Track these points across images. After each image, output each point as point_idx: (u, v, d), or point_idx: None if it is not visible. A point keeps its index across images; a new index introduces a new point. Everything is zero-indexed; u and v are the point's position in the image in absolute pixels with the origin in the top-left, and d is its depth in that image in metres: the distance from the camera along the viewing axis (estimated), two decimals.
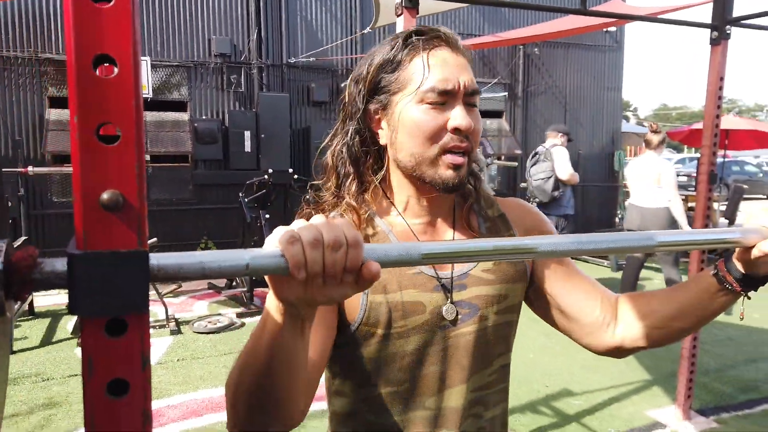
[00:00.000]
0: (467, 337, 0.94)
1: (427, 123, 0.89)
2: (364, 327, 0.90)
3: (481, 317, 0.95)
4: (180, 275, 0.52)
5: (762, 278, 0.84)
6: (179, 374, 4.02)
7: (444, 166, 0.90)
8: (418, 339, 0.91)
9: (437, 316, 0.92)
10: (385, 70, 0.92)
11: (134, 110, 0.43)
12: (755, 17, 2.97)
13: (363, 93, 0.94)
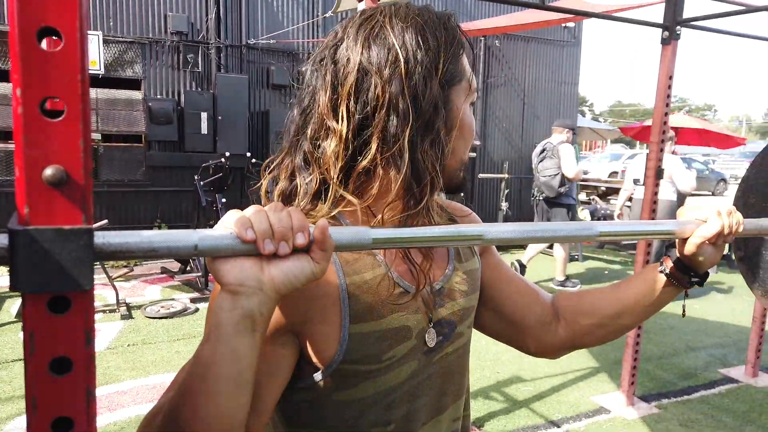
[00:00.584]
0: (450, 358, 0.86)
1: (473, 125, 0.82)
2: (344, 366, 0.74)
3: (458, 334, 0.87)
4: (127, 254, 0.52)
5: (705, 274, 0.89)
6: (129, 360, 3.94)
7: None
8: (407, 369, 0.79)
9: (422, 339, 0.81)
10: (454, 54, 0.77)
11: (80, 85, 0.42)
12: (705, 19, 3.09)
13: (429, 69, 0.74)
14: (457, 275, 0.88)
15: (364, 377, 0.76)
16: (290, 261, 0.60)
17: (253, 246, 0.57)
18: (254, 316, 0.59)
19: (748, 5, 3.04)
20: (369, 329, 0.75)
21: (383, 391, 0.78)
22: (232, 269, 0.58)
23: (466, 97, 0.80)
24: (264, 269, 0.59)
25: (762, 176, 1.12)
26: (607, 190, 11.31)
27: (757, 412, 3.49)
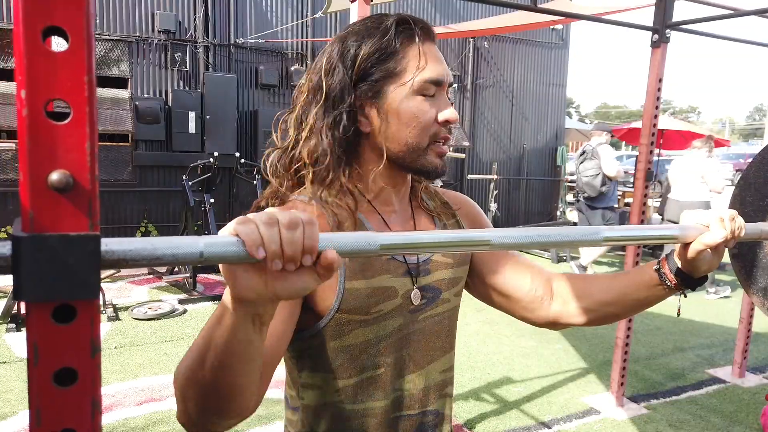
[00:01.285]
0: (434, 320, 0.99)
1: (424, 114, 0.91)
2: (341, 315, 0.89)
3: (443, 300, 1.00)
4: (131, 261, 0.50)
5: (699, 279, 0.90)
6: (117, 362, 3.89)
7: (433, 154, 0.93)
8: (393, 323, 0.93)
9: (407, 300, 0.94)
10: (379, 57, 0.90)
11: (86, 86, 0.41)
12: (694, 23, 3.11)
13: (352, 80, 0.91)
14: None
15: (356, 326, 0.90)
16: (294, 278, 0.59)
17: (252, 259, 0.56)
18: (261, 316, 0.65)
19: (737, 9, 3.07)
20: (360, 285, 0.89)
21: (372, 339, 0.92)
22: (237, 284, 0.59)
23: (409, 88, 0.90)
24: (268, 284, 0.59)
25: (760, 175, 1.13)
26: None
27: (745, 412, 3.53)
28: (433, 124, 0.91)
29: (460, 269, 1.03)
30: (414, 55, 0.90)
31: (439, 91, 0.92)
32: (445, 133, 0.93)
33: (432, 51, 0.92)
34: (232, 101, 7.76)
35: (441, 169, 0.94)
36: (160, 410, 3.24)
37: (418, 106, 0.90)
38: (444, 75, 0.92)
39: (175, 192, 7.47)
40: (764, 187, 1.09)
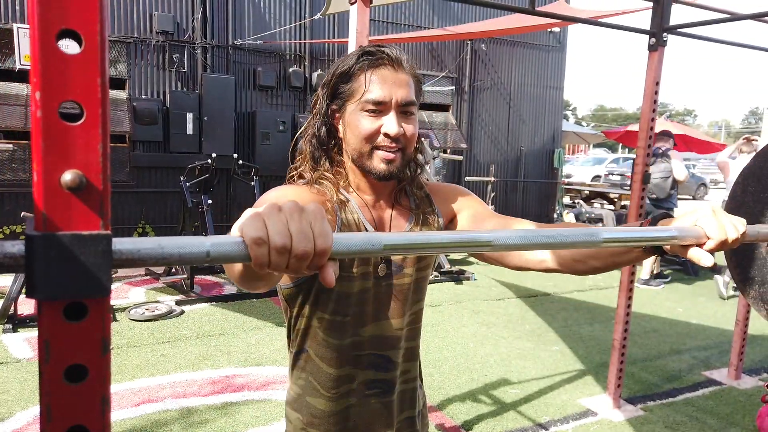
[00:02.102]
0: (395, 287, 1.23)
1: (364, 127, 1.14)
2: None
3: (404, 274, 1.23)
4: (140, 261, 0.51)
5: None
6: (114, 363, 3.88)
7: (378, 159, 1.15)
8: (361, 283, 1.18)
9: (376, 268, 1.20)
10: (342, 80, 1.16)
11: (100, 88, 0.41)
12: (690, 26, 3.13)
13: (327, 95, 1.19)
14: (412, 231, 1.21)
15: (340, 279, 1.12)
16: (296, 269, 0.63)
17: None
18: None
19: (734, 13, 3.09)
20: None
21: (344, 292, 1.17)
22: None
23: (356, 106, 1.14)
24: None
25: (748, 190, 1.14)
26: (591, 193, 11.43)
27: (740, 414, 3.54)
28: (374, 135, 1.13)
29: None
30: (363, 79, 1.13)
31: (386, 109, 1.13)
32: (386, 142, 1.13)
33: (383, 76, 1.13)
34: (230, 102, 7.76)
35: (384, 173, 1.15)
36: (157, 411, 3.24)
37: (362, 120, 1.14)
38: (385, 97, 1.12)
39: (172, 193, 7.47)
40: (755, 204, 1.10)
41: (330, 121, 1.21)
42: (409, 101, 1.15)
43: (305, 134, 1.25)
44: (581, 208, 9.64)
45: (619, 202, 10.22)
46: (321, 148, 1.21)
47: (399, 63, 1.15)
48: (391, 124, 1.12)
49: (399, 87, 1.13)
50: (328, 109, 1.20)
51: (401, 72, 1.15)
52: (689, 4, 3.28)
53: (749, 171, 1.15)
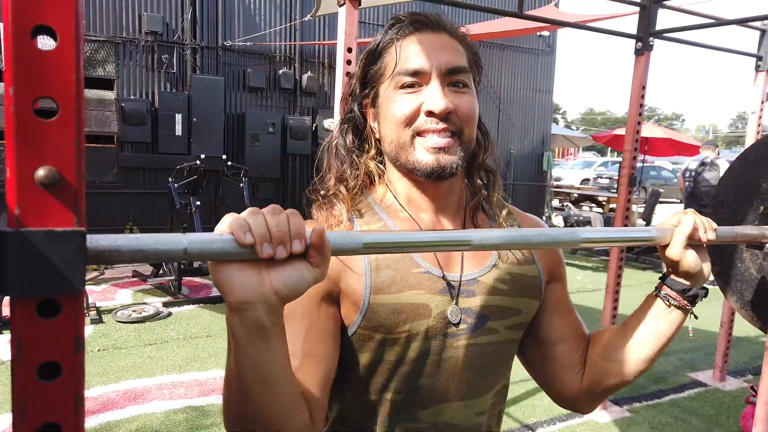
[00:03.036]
0: (472, 350, 0.87)
1: (400, 107, 0.85)
2: (362, 331, 0.83)
3: (488, 330, 0.88)
4: (115, 256, 0.51)
5: (701, 289, 0.87)
6: (99, 365, 3.85)
7: (421, 149, 0.84)
8: (418, 346, 0.84)
9: (442, 320, 0.85)
10: (369, 62, 0.90)
11: (74, 85, 0.41)
12: (676, 31, 3.17)
13: (356, 88, 0.93)
14: (497, 272, 0.90)
15: (378, 344, 0.84)
16: (289, 269, 0.59)
17: (245, 251, 0.57)
18: (264, 325, 0.61)
19: (719, 18, 3.13)
20: (386, 300, 0.83)
21: (393, 360, 0.84)
22: (234, 288, 0.59)
23: (389, 85, 0.87)
24: (264, 281, 0.59)
25: (730, 191, 1.16)
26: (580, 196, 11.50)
27: (725, 415, 3.58)
28: (413, 117, 0.84)
29: (519, 300, 0.90)
30: (393, 51, 0.87)
31: (425, 80, 0.84)
32: (430, 123, 0.83)
33: (419, 41, 0.86)
34: (220, 104, 7.74)
35: (432, 166, 0.83)
36: (144, 413, 3.21)
37: (395, 100, 0.85)
38: (423, 63, 0.84)
39: (160, 194, 7.42)
40: (735, 202, 1.12)
41: (362, 122, 0.94)
42: (457, 66, 0.85)
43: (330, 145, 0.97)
44: (570, 211, 9.70)
45: (608, 205, 10.29)
46: (347, 160, 0.93)
47: (439, 24, 0.88)
48: (434, 97, 0.82)
49: (442, 51, 0.85)
50: (361, 103, 0.93)
51: (443, 34, 0.87)
52: (675, 9, 3.31)
53: (717, 201, 1.16)
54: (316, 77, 8.74)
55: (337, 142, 0.95)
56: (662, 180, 19.46)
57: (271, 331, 0.62)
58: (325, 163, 0.95)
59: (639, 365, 0.90)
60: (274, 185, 8.58)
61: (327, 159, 0.95)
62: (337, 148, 0.95)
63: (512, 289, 0.89)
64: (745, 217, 1.11)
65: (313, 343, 0.81)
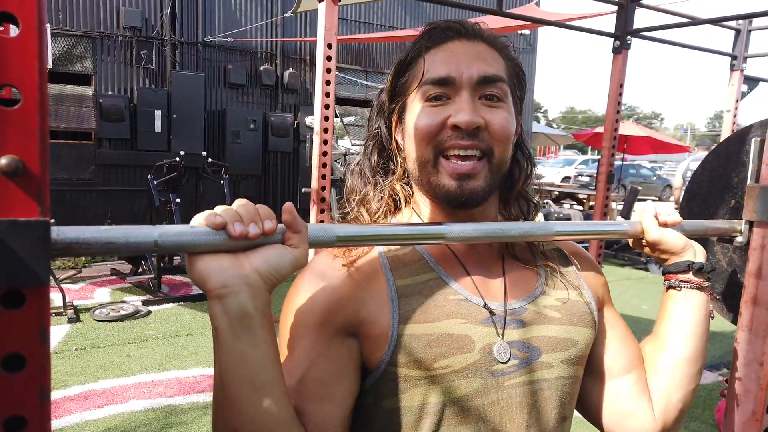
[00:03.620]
0: (526, 389, 0.75)
1: (425, 121, 0.75)
2: (393, 368, 0.71)
3: (543, 364, 0.76)
4: (83, 247, 0.50)
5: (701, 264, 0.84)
6: (77, 364, 3.80)
7: (444, 174, 0.75)
8: (464, 386, 0.72)
9: (488, 356, 0.73)
10: (397, 73, 0.82)
11: (38, 73, 0.41)
12: (653, 30, 3.21)
13: (384, 102, 0.85)
14: (546, 299, 0.80)
15: (413, 383, 0.71)
16: (267, 249, 0.60)
17: (218, 241, 0.57)
18: (248, 313, 0.58)
19: (694, 17, 3.18)
20: (419, 331, 0.71)
21: (434, 403, 0.71)
22: (211, 273, 0.57)
23: (415, 97, 0.79)
24: (243, 263, 0.59)
25: (703, 185, 1.18)
26: (561, 194, 11.61)
27: (701, 408, 3.64)
28: (437, 131, 0.75)
29: (575, 329, 0.80)
30: (421, 59, 0.79)
31: (452, 92, 0.76)
32: (456, 139, 0.74)
33: (450, 50, 0.78)
34: (200, 100, 7.67)
35: (455, 194, 0.75)
36: (121, 413, 3.18)
37: (420, 114, 0.76)
38: (452, 71, 0.75)
39: (139, 192, 7.33)
40: (708, 196, 1.14)
41: (389, 137, 0.85)
42: (491, 75, 0.76)
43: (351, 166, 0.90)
44: (550, 209, 9.79)
45: (588, 203, 10.40)
46: (371, 174, 0.86)
47: (477, 32, 0.80)
48: (460, 110, 0.73)
49: (475, 59, 0.77)
50: (388, 118, 0.85)
51: (480, 43, 0.80)
52: (652, 8, 3.36)
53: (690, 194, 1.19)
54: (298, 74, 8.70)
55: (362, 163, 0.87)
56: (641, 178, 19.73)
57: (256, 320, 0.59)
58: (348, 184, 0.88)
59: (691, 367, 0.83)
60: (255, 182, 8.53)
61: (350, 181, 0.87)
62: (362, 170, 0.86)
63: (565, 318, 0.80)
64: (717, 210, 1.13)
65: (322, 377, 0.70)
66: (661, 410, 0.83)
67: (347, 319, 0.73)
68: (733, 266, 1.07)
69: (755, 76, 4.04)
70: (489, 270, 0.80)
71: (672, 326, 0.84)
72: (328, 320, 0.72)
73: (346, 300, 0.73)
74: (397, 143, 0.84)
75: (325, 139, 2.39)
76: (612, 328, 0.88)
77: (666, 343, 0.84)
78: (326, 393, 0.71)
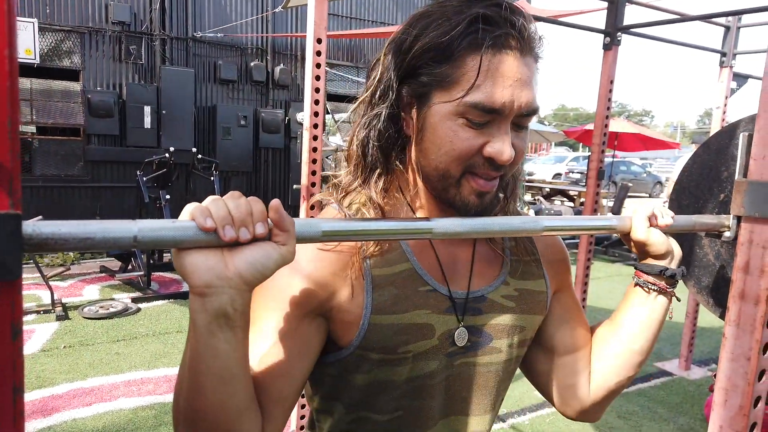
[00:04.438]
0: (474, 369, 0.84)
1: (461, 143, 0.73)
2: (360, 351, 0.77)
3: (492, 349, 0.84)
4: (59, 243, 0.49)
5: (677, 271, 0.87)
6: (65, 362, 3.77)
7: (468, 189, 0.76)
8: (419, 367, 0.79)
9: (446, 341, 0.80)
10: (433, 57, 0.73)
11: (7, 60, 0.39)
12: (643, 26, 3.21)
13: (401, 70, 0.76)
14: (504, 289, 0.85)
15: (377, 365, 0.78)
16: (253, 249, 0.58)
17: (202, 237, 0.56)
18: (227, 313, 0.59)
19: (683, 14, 3.19)
20: (387, 321, 0.77)
21: (395, 381, 0.79)
22: (196, 270, 0.57)
23: (453, 107, 0.72)
24: (228, 264, 0.58)
25: (692, 179, 1.18)
26: (552, 191, 11.65)
27: (690, 403, 3.67)
28: (472, 155, 0.73)
29: (525, 317, 0.87)
30: (473, 66, 0.71)
31: (496, 119, 0.72)
32: (487, 169, 0.74)
33: (504, 68, 0.71)
34: (190, 96, 7.62)
35: (473, 209, 0.76)
36: (111, 411, 3.16)
37: (456, 131, 0.73)
38: (504, 103, 0.71)
39: (129, 188, 7.29)
40: (697, 189, 1.14)
41: (397, 112, 0.78)
42: (534, 109, 0.75)
43: (356, 129, 0.82)
44: (541, 205, 9.83)
45: (579, 199, 10.46)
46: (383, 153, 0.80)
47: (531, 45, 0.75)
48: (503, 146, 0.72)
49: (523, 86, 0.73)
50: (399, 92, 0.77)
51: (529, 58, 0.74)
52: (642, 4, 3.36)
53: (679, 187, 1.18)
54: (289, 70, 8.66)
55: (376, 130, 0.78)
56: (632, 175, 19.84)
57: (233, 321, 0.59)
58: (356, 153, 0.81)
59: (635, 358, 0.89)
60: (246, 179, 8.49)
61: (356, 150, 0.81)
62: (372, 138, 0.79)
63: (519, 307, 0.86)
64: (706, 203, 1.13)
65: (284, 355, 0.73)
66: (597, 388, 0.91)
67: (320, 303, 0.76)
68: (720, 260, 1.07)
69: (744, 73, 4.06)
70: (459, 255, 0.85)
71: (629, 319, 0.89)
72: (301, 301, 0.74)
73: (322, 285, 0.75)
74: (406, 124, 0.79)
75: (315, 135, 2.37)
76: (565, 310, 0.94)
77: (620, 331, 0.90)
78: (287, 370, 0.73)
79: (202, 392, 0.62)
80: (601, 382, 0.91)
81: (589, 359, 0.93)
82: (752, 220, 0.78)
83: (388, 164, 0.81)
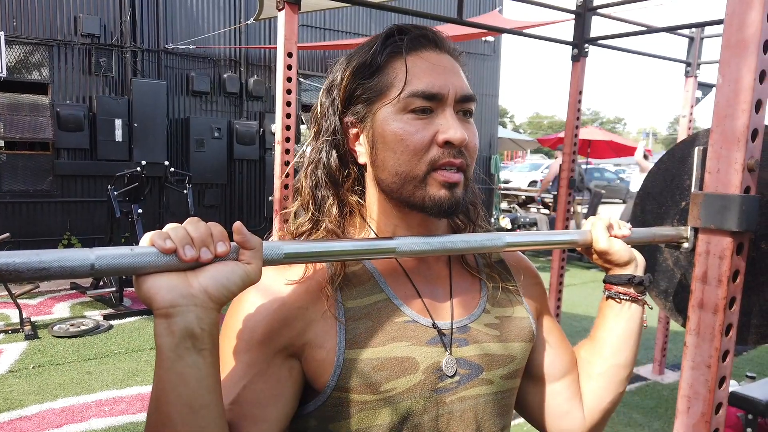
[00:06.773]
0: (467, 403, 0.78)
1: (412, 135, 0.73)
2: (338, 393, 0.72)
3: (483, 381, 0.79)
4: (13, 275, 0.48)
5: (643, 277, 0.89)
6: (35, 382, 3.68)
7: (435, 184, 0.74)
8: (407, 406, 0.73)
9: (433, 375, 0.75)
10: (362, 75, 0.77)
11: None
12: (611, 38, 3.28)
13: (337, 103, 0.79)
14: (487, 317, 0.83)
15: (359, 408, 0.72)
16: (217, 266, 0.58)
17: (162, 262, 0.55)
18: (194, 333, 0.57)
19: (649, 26, 3.27)
20: (365, 355, 0.72)
21: (380, 424, 0.72)
22: (159, 292, 0.56)
23: (394, 106, 0.75)
24: (192, 282, 0.57)
25: (657, 185, 1.20)
26: (527, 198, 11.77)
27: (664, 407, 3.72)
28: (428, 147, 0.73)
29: (513, 345, 0.83)
30: (401, 68, 0.75)
31: (438, 106, 0.74)
32: (448, 157, 0.73)
33: (429, 60, 0.76)
34: (162, 108, 7.53)
35: (447, 203, 0.74)
36: (82, 431, 3.09)
37: (404, 127, 0.74)
38: (441, 87, 0.74)
39: (100, 203, 7.16)
40: (660, 195, 1.16)
41: (343, 142, 0.80)
42: (470, 94, 0.77)
43: (304, 166, 0.84)
44: (517, 213, 9.92)
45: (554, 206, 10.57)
46: (330, 182, 0.80)
47: (444, 45, 0.80)
48: (452, 127, 0.73)
49: (452, 74, 0.77)
50: (340, 123, 0.79)
51: (446, 55, 0.79)
52: (608, 17, 3.44)
53: (644, 193, 1.21)
54: (263, 81, 8.63)
55: (320, 163, 0.80)
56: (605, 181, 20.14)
57: (201, 342, 0.57)
58: (304, 186, 0.82)
59: (622, 372, 0.90)
60: (221, 191, 8.42)
61: (304, 183, 0.82)
62: (318, 170, 0.80)
63: (503, 336, 0.83)
64: (669, 210, 1.16)
65: (257, 399, 0.70)
66: (591, 411, 0.90)
67: (291, 340, 0.72)
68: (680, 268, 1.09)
69: (709, 83, 4.17)
70: (436, 284, 0.81)
71: (607, 334, 0.90)
72: (269, 339, 0.71)
73: (291, 320, 0.72)
74: (351, 149, 0.81)
75: (287, 148, 2.37)
76: (549, 335, 0.93)
77: (601, 349, 0.91)
78: (261, 414, 0.70)
79: (170, 425, 0.58)
80: (594, 404, 0.90)
81: (579, 383, 0.92)
82: (709, 232, 0.81)
83: (340, 197, 0.81)
